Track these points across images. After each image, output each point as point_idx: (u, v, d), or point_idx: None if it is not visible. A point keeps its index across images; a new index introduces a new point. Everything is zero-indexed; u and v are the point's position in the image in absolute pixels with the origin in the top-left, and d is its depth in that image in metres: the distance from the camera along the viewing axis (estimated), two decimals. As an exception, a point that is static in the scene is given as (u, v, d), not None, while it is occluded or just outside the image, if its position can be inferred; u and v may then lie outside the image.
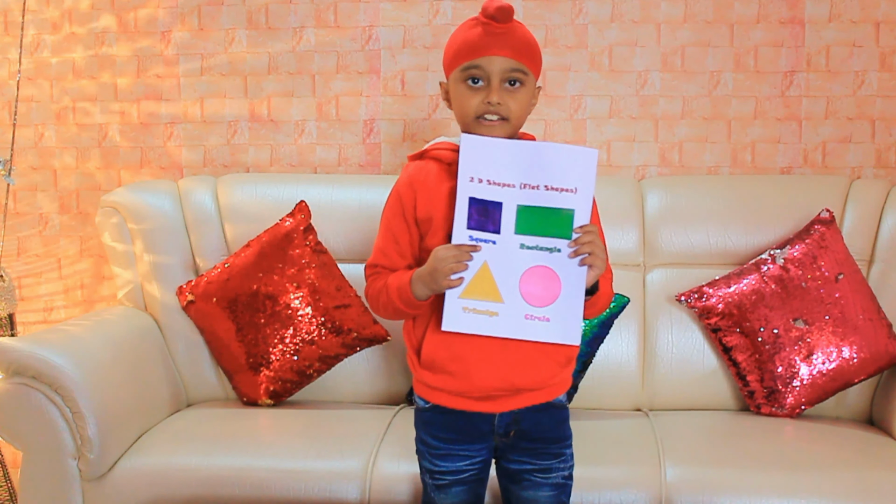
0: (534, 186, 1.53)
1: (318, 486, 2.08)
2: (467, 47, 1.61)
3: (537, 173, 1.54)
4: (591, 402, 2.47)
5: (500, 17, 1.59)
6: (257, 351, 2.49)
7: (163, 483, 2.11)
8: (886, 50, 2.68)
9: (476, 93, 1.60)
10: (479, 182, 1.54)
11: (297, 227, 2.52)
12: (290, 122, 2.86)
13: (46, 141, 2.94)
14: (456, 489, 1.71)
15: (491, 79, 1.59)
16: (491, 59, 1.59)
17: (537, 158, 1.54)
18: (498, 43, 1.59)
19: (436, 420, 1.69)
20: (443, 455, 1.70)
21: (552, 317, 1.57)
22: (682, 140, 2.76)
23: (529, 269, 1.56)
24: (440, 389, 1.66)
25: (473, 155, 1.54)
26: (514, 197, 1.54)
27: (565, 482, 1.71)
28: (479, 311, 1.56)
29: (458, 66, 1.61)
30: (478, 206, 1.55)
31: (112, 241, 2.64)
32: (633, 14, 2.74)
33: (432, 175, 1.64)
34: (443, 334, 1.61)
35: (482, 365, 1.61)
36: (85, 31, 2.89)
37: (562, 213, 1.54)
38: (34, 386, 2.12)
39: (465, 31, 1.63)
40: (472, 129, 1.62)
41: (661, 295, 2.52)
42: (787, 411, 2.36)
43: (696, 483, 2.01)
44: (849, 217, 2.51)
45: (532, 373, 1.63)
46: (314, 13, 2.82)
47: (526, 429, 1.67)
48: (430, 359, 1.64)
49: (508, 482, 1.73)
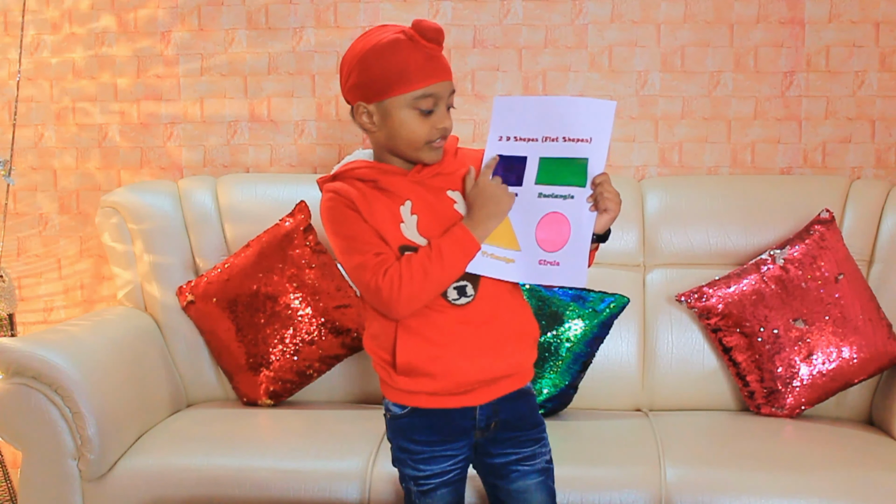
0: (553, 139, 1.57)
1: (318, 486, 2.08)
2: (416, 73, 1.56)
3: (557, 126, 1.57)
4: (591, 402, 2.47)
5: (441, 41, 1.59)
6: (257, 351, 2.49)
7: (163, 483, 2.11)
8: (886, 50, 2.68)
9: (427, 119, 1.58)
10: (507, 140, 1.59)
11: (297, 228, 2.52)
12: (290, 122, 2.86)
13: (46, 141, 2.94)
14: (442, 491, 1.70)
15: (440, 104, 1.59)
16: (441, 86, 1.58)
17: (558, 111, 1.58)
18: (441, 67, 1.59)
19: (415, 424, 1.68)
20: (426, 459, 1.68)
21: (562, 261, 1.60)
22: (682, 140, 2.77)
23: (545, 217, 1.60)
24: (418, 392, 1.65)
25: (503, 115, 1.59)
26: (537, 150, 1.58)
27: (549, 466, 1.72)
28: (497, 256, 1.61)
29: (406, 94, 1.57)
30: (504, 163, 1.59)
31: (112, 241, 2.64)
32: (633, 14, 2.74)
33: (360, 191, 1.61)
34: (415, 338, 1.62)
35: (460, 359, 1.62)
36: (85, 31, 2.89)
37: (577, 162, 1.58)
38: (34, 386, 2.12)
39: (402, 54, 1.57)
40: (418, 153, 1.60)
41: (661, 295, 2.52)
42: (787, 411, 2.36)
43: (696, 483, 2.01)
44: (849, 217, 2.51)
45: (509, 358, 1.65)
46: (314, 13, 2.82)
47: (506, 418, 1.68)
48: (407, 364, 1.63)
49: (495, 479, 1.73)
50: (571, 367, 2.37)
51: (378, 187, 1.61)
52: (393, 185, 1.61)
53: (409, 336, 1.62)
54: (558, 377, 2.36)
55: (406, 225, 1.60)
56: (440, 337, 1.61)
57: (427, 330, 1.62)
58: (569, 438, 2.20)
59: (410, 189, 1.61)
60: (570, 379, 2.38)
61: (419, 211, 1.60)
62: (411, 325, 1.62)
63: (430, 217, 1.61)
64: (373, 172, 1.62)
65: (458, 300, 1.61)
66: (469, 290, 1.61)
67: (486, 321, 1.62)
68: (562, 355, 2.36)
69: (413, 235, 1.60)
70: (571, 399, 2.41)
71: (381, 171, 1.63)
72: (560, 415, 2.40)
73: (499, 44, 2.77)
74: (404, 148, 1.61)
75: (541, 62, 2.77)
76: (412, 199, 1.61)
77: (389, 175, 1.62)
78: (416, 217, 1.60)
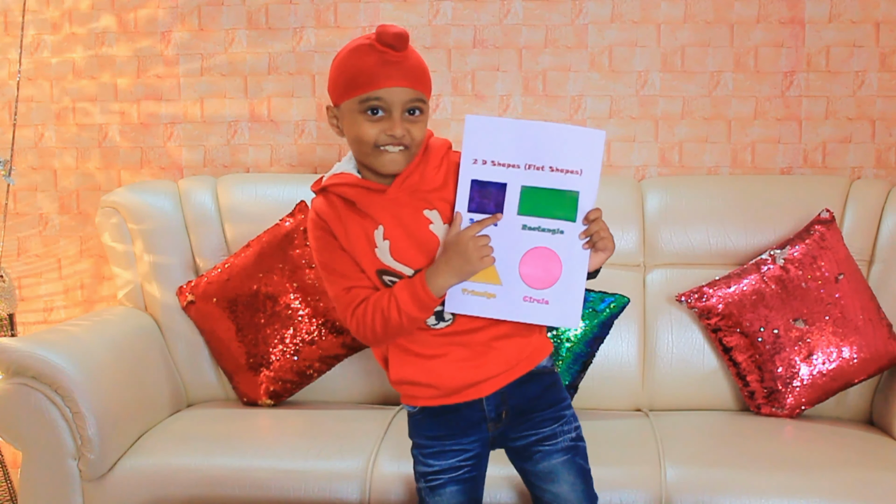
0: (538, 167, 1.52)
1: (318, 486, 2.08)
2: (364, 77, 1.54)
3: (542, 154, 1.52)
4: (591, 402, 2.47)
5: (399, 46, 1.53)
6: (257, 351, 2.49)
7: (163, 483, 2.11)
8: (886, 50, 2.68)
9: (375, 123, 1.55)
10: (483, 164, 1.53)
11: (297, 228, 2.52)
12: (290, 122, 2.86)
13: (46, 141, 2.94)
14: (451, 488, 1.70)
15: (392, 110, 1.55)
16: (391, 91, 1.54)
17: (542, 138, 1.52)
18: (396, 73, 1.54)
19: (426, 420, 1.70)
20: (435, 453, 1.70)
21: (551, 299, 1.55)
22: (682, 140, 2.76)
23: (530, 251, 1.54)
24: (420, 397, 1.68)
25: (477, 136, 1.52)
26: (519, 178, 1.52)
27: (575, 444, 1.69)
28: (477, 293, 1.55)
29: (355, 97, 1.55)
30: (480, 189, 1.53)
31: (112, 241, 2.64)
32: (633, 14, 2.74)
33: (339, 213, 1.61)
34: (404, 354, 1.64)
35: (450, 368, 1.63)
36: (85, 31, 2.89)
37: (566, 195, 1.52)
38: (34, 386, 2.12)
39: (357, 59, 1.56)
40: (370, 158, 1.57)
41: (661, 295, 2.52)
42: (787, 411, 2.36)
43: (696, 483, 2.01)
44: (849, 217, 2.51)
45: (501, 357, 1.64)
46: (314, 13, 2.82)
47: (515, 404, 1.67)
48: (400, 379, 1.67)
49: (522, 463, 1.71)
50: (571, 367, 2.37)
51: (355, 208, 1.59)
52: (370, 207, 1.59)
53: (399, 353, 1.65)
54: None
55: (380, 250, 1.59)
56: (428, 351, 1.63)
57: (414, 347, 1.64)
58: (569, 438, 2.20)
59: (386, 210, 1.59)
60: (570, 379, 2.38)
61: (392, 235, 1.58)
62: (400, 343, 1.64)
63: (403, 241, 1.59)
64: (353, 192, 1.59)
65: (436, 325, 1.62)
66: (446, 314, 1.61)
67: (470, 335, 1.63)
68: (562, 355, 2.37)
69: (388, 260, 1.59)
70: (571, 399, 2.41)
71: (363, 189, 1.59)
72: (560, 415, 2.40)
73: (499, 44, 2.77)
74: (357, 152, 1.60)
75: (541, 62, 2.77)
76: (385, 222, 1.58)
77: (369, 194, 1.59)
78: (388, 242, 1.58)
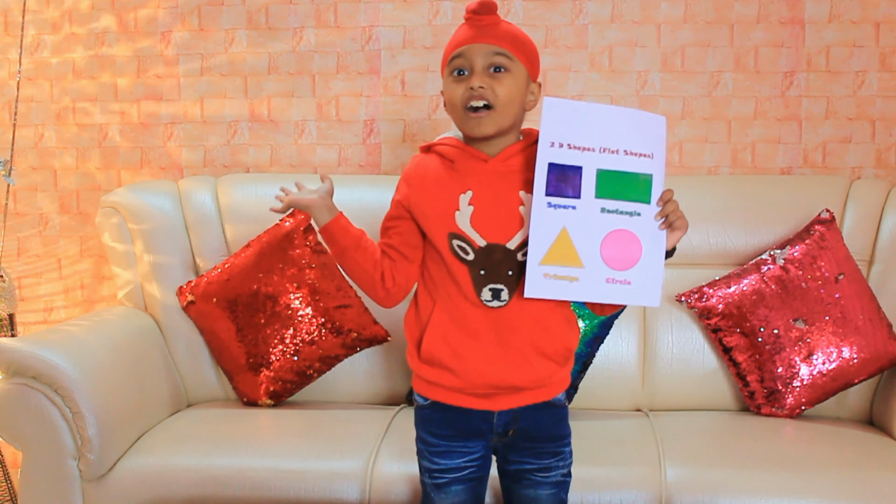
0: (613, 151, 1.54)
1: (318, 486, 2.08)
2: (453, 43, 1.64)
3: (615, 138, 1.54)
4: (591, 402, 2.47)
5: (482, 10, 1.61)
6: (257, 351, 2.49)
7: (163, 483, 2.11)
8: (886, 50, 2.68)
9: (460, 83, 1.61)
10: (560, 147, 1.54)
11: (298, 228, 2.52)
12: (290, 122, 2.86)
13: (46, 141, 2.95)
14: (455, 488, 1.71)
15: (474, 66, 1.60)
16: (472, 47, 1.60)
17: (615, 122, 1.55)
18: (480, 33, 1.61)
19: (434, 417, 1.69)
20: (441, 452, 1.70)
21: (633, 280, 1.57)
22: (682, 140, 2.76)
23: (610, 234, 1.56)
24: (438, 385, 1.66)
25: (554, 119, 1.54)
26: (594, 161, 1.54)
27: (564, 479, 1.72)
28: (559, 276, 1.55)
29: (448, 62, 1.63)
30: (557, 172, 1.54)
31: (112, 241, 2.64)
32: (633, 14, 2.74)
33: (431, 170, 1.66)
34: (443, 330, 1.62)
35: (480, 363, 1.62)
36: (85, 31, 2.89)
37: (640, 178, 1.55)
38: (34, 386, 2.12)
39: (454, 34, 1.66)
40: (461, 122, 1.62)
41: (661, 295, 2.51)
42: (787, 412, 2.36)
43: (696, 483, 2.01)
44: (849, 217, 2.51)
45: (530, 371, 1.63)
46: (314, 13, 2.82)
47: (525, 427, 1.67)
48: (430, 354, 1.65)
49: (510, 482, 1.74)
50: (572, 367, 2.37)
51: (452, 169, 1.63)
52: (468, 171, 1.63)
53: (439, 327, 1.63)
54: (558, 377, 2.36)
55: (461, 213, 1.61)
56: (466, 336, 1.62)
57: (456, 325, 1.63)
58: (569, 438, 2.20)
59: (482, 178, 1.62)
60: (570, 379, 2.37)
61: (478, 202, 1.60)
62: (443, 317, 1.63)
63: (488, 211, 1.60)
64: (454, 152, 1.64)
65: (490, 301, 1.61)
66: (504, 294, 1.61)
67: (514, 329, 1.62)
68: (562, 355, 2.36)
69: (464, 226, 1.61)
70: (572, 399, 2.41)
71: (464, 153, 1.64)
72: (560, 415, 2.40)
73: (499, 44, 2.77)
74: (454, 118, 1.64)
75: (541, 62, 2.76)
76: (477, 189, 1.61)
77: (471, 159, 1.63)
78: (472, 208, 1.60)
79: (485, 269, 1.60)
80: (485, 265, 1.60)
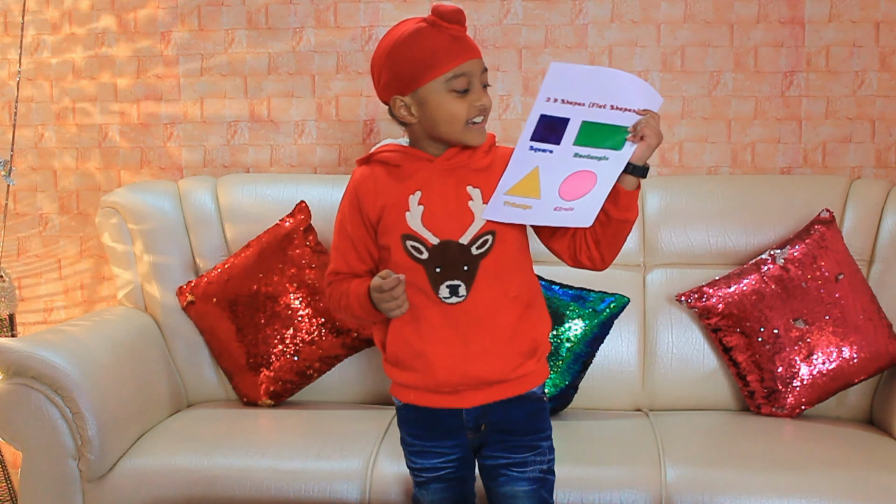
0: (601, 105, 1.57)
1: (318, 486, 2.08)
2: (443, 55, 1.58)
3: (607, 94, 1.57)
4: (591, 402, 2.47)
5: (462, 20, 1.60)
6: (257, 351, 2.49)
7: (163, 483, 2.11)
8: (886, 50, 2.68)
9: (463, 99, 1.59)
10: (555, 101, 1.56)
11: (297, 228, 2.52)
12: (290, 122, 2.86)
13: (46, 141, 2.95)
14: (435, 486, 1.73)
15: (473, 82, 1.60)
16: (472, 63, 1.60)
17: (613, 82, 1.57)
18: (469, 46, 1.61)
19: (410, 417, 1.72)
20: (418, 452, 1.72)
21: (576, 207, 1.63)
22: (682, 140, 2.77)
23: (574, 174, 1.60)
24: (407, 386, 1.68)
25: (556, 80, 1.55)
26: (581, 114, 1.57)
27: (544, 476, 1.70)
28: (516, 204, 1.61)
29: (438, 77, 1.58)
30: (546, 122, 1.57)
31: (112, 241, 2.64)
32: (633, 14, 2.74)
33: (379, 179, 1.66)
34: (404, 332, 1.64)
35: (443, 360, 1.63)
36: (85, 31, 2.89)
37: (619, 129, 1.59)
38: (34, 386, 2.12)
39: (425, 41, 1.58)
40: (459, 135, 1.61)
41: (661, 295, 2.52)
42: (787, 411, 2.36)
43: (696, 483, 2.01)
44: (849, 217, 2.51)
45: (494, 364, 1.64)
46: (314, 13, 2.82)
47: (495, 421, 1.68)
48: (395, 356, 1.67)
49: (487, 481, 1.74)
50: (571, 367, 2.37)
51: (397, 173, 1.64)
52: (413, 172, 1.63)
53: (400, 327, 1.65)
54: (558, 377, 2.36)
55: (411, 214, 1.62)
56: (427, 334, 1.63)
57: (416, 325, 1.64)
58: (569, 438, 2.19)
59: (429, 177, 1.63)
60: (570, 379, 2.38)
61: (427, 202, 1.62)
62: (404, 318, 1.64)
63: (438, 209, 1.62)
64: (398, 157, 1.65)
65: (448, 298, 1.62)
66: (462, 290, 1.62)
67: (475, 324, 1.63)
68: (562, 355, 2.37)
69: (416, 225, 1.62)
70: (572, 399, 2.41)
71: (408, 156, 1.64)
72: (560, 415, 2.40)
73: (499, 44, 2.77)
74: (447, 131, 1.62)
75: (541, 62, 2.77)
76: (425, 188, 1.62)
77: (414, 161, 1.64)
78: (422, 208, 1.62)
79: (440, 267, 1.61)
80: (440, 262, 1.61)
